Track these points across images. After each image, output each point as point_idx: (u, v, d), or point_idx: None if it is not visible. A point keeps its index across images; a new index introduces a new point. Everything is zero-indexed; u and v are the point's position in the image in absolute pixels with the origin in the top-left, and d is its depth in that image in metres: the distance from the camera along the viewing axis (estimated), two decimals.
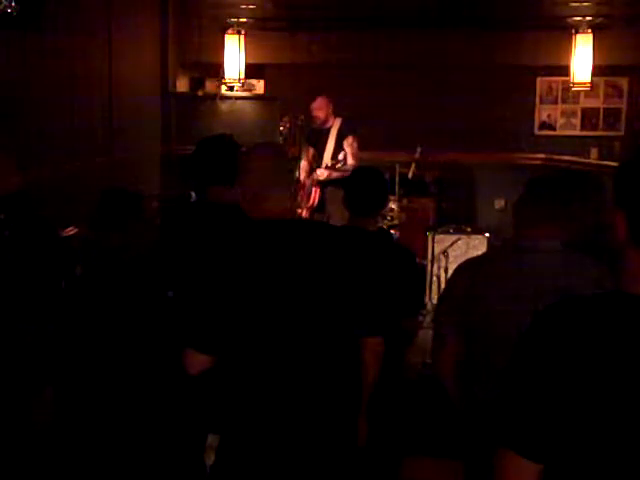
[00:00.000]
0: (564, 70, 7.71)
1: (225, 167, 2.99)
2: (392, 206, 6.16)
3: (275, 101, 7.49)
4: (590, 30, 7.52)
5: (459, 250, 6.14)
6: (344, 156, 6.49)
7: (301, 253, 2.29)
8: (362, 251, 2.48)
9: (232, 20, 7.69)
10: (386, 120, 7.53)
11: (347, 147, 6.58)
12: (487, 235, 6.41)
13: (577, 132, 8.05)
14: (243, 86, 7.75)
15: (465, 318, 2.52)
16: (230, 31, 7.66)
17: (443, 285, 5.52)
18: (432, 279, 6.15)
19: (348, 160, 6.49)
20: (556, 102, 8.05)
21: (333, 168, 6.54)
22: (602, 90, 7.95)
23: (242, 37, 7.67)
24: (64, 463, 2.79)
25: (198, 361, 2.28)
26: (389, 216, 6.13)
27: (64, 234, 3.90)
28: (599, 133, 8.01)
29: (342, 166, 6.42)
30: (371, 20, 7.59)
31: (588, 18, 7.54)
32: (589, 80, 7.63)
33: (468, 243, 6.29)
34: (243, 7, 7.74)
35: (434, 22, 7.48)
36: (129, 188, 2.97)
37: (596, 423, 1.33)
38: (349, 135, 6.62)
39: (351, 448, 2.42)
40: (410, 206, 6.97)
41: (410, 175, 6.71)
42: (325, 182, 6.71)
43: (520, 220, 2.53)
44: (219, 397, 2.47)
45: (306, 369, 2.28)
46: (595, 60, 7.53)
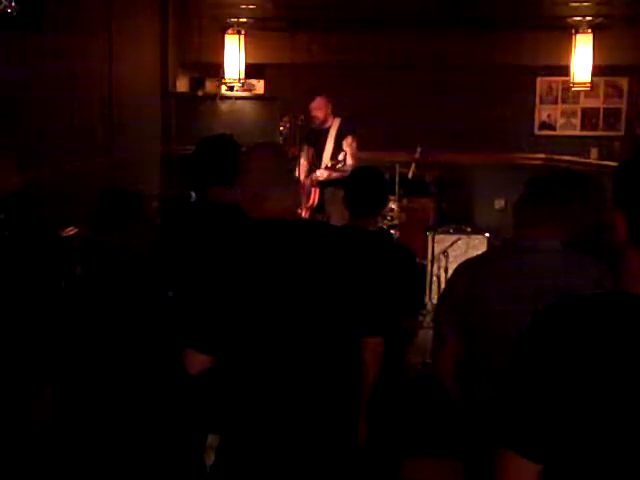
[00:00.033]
0: (564, 70, 7.71)
1: (225, 167, 2.99)
2: (392, 206, 6.15)
3: (275, 101, 7.49)
4: (590, 30, 7.52)
5: (459, 250, 6.15)
6: (344, 156, 6.48)
7: (301, 253, 2.29)
8: (362, 251, 2.48)
9: (232, 20, 7.69)
10: (386, 120, 7.53)
11: (346, 147, 6.56)
12: (487, 235, 6.42)
13: (577, 132, 8.05)
14: (243, 86, 7.75)
15: (465, 318, 2.52)
16: (230, 31, 7.66)
17: (443, 285, 5.52)
18: (432, 279, 6.15)
19: (347, 160, 6.48)
20: (556, 102, 8.05)
21: (333, 169, 6.53)
22: (602, 90, 7.94)
23: (242, 37, 7.67)
24: (64, 463, 2.79)
25: (198, 361, 2.28)
26: (389, 216, 6.12)
27: (64, 234, 3.89)
28: (599, 133, 8.00)
29: (342, 166, 6.42)
30: (371, 20, 7.59)
31: (588, 18, 7.55)
32: (589, 80, 7.63)
33: (468, 243, 6.30)
34: (243, 7, 7.74)
35: (434, 22, 7.48)
36: (129, 188, 2.97)
37: (596, 423, 1.33)
38: (348, 135, 6.61)
39: (351, 448, 2.42)
40: (410, 206, 6.96)
41: (410, 175, 6.71)
42: (324, 182, 6.70)
43: (520, 220, 2.54)
44: (219, 397, 2.47)
45: (306, 369, 2.28)
46: (595, 60, 7.53)
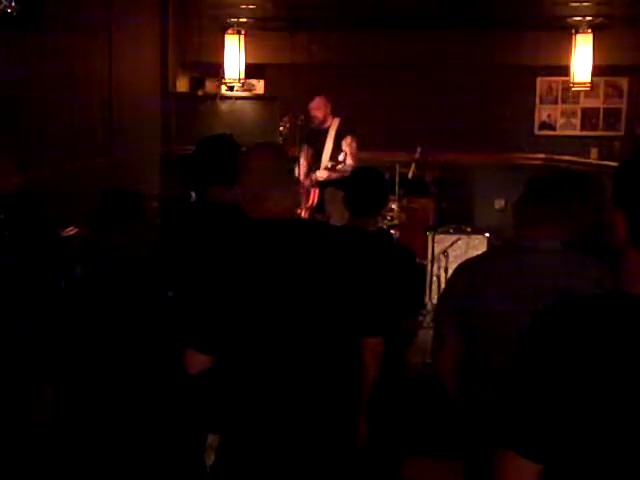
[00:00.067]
0: (564, 70, 7.71)
1: (225, 167, 2.99)
2: (392, 206, 6.15)
3: (275, 101, 7.49)
4: (590, 30, 7.52)
5: (459, 250, 6.14)
6: (344, 157, 6.47)
7: (301, 253, 2.29)
8: (362, 251, 2.48)
9: (232, 20, 7.70)
10: (386, 120, 7.54)
11: (346, 147, 6.55)
12: (487, 235, 6.41)
13: (577, 132, 8.05)
14: (243, 86, 7.75)
15: (465, 318, 2.52)
16: (230, 31, 7.67)
17: (443, 285, 5.52)
18: (432, 279, 6.15)
19: (347, 160, 6.47)
20: (556, 102, 8.05)
21: (333, 169, 6.52)
22: (602, 90, 7.95)
23: (242, 37, 7.67)
24: (64, 463, 2.79)
25: (198, 361, 2.28)
26: (389, 216, 6.12)
27: (64, 234, 3.89)
28: (599, 133, 8.01)
29: (342, 167, 6.41)
30: (371, 20, 7.59)
31: (588, 18, 7.55)
32: (589, 80, 7.63)
33: (468, 243, 6.29)
34: (243, 7, 7.74)
35: (434, 22, 7.48)
36: (129, 188, 2.97)
37: (596, 423, 1.33)
38: (347, 135, 6.60)
39: (351, 448, 2.42)
40: (410, 206, 6.97)
41: (410, 175, 6.71)
42: (324, 183, 6.70)
43: (520, 220, 2.53)
44: (219, 397, 2.47)
45: (306, 369, 2.28)
46: (595, 60, 7.53)
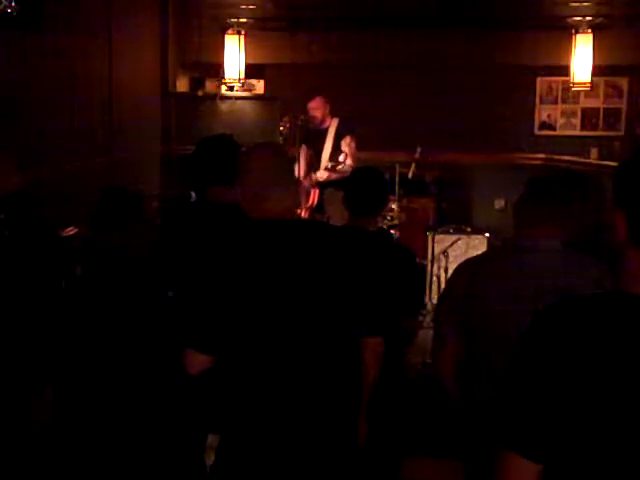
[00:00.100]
0: (564, 70, 7.71)
1: (225, 167, 2.99)
2: (392, 206, 6.14)
3: (275, 101, 7.48)
4: (590, 30, 7.51)
5: (459, 250, 6.14)
6: (344, 157, 6.46)
7: (301, 253, 2.29)
8: (362, 251, 2.48)
9: (232, 20, 7.69)
10: (386, 120, 7.53)
11: (345, 147, 6.54)
12: (487, 235, 6.41)
13: (577, 132, 8.04)
14: (243, 86, 7.75)
15: (465, 318, 2.52)
16: (230, 31, 7.66)
17: (443, 285, 5.52)
18: (432, 279, 6.15)
19: (347, 161, 6.46)
20: (556, 102, 8.04)
21: (333, 170, 6.52)
22: (602, 90, 7.94)
23: (242, 37, 7.67)
24: (64, 463, 2.79)
25: (198, 361, 2.28)
26: (389, 216, 6.11)
27: (64, 234, 3.89)
28: (599, 133, 8.00)
29: (342, 167, 6.41)
30: (371, 20, 7.59)
31: (588, 18, 7.54)
32: (589, 80, 7.62)
33: (468, 243, 6.30)
34: (243, 7, 7.74)
35: (434, 22, 7.48)
36: (129, 188, 2.97)
37: (596, 423, 1.33)
38: (347, 135, 6.58)
39: (351, 448, 2.42)
40: (410, 206, 6.96)
41: (410, 175, 6.70)
42: (324, 183, 6.69)
43: (520, 220, 2.54)
44: (219, 397, 2.47)
45: (306, 369, 2.28)
46: (595, 60, 7.53)
